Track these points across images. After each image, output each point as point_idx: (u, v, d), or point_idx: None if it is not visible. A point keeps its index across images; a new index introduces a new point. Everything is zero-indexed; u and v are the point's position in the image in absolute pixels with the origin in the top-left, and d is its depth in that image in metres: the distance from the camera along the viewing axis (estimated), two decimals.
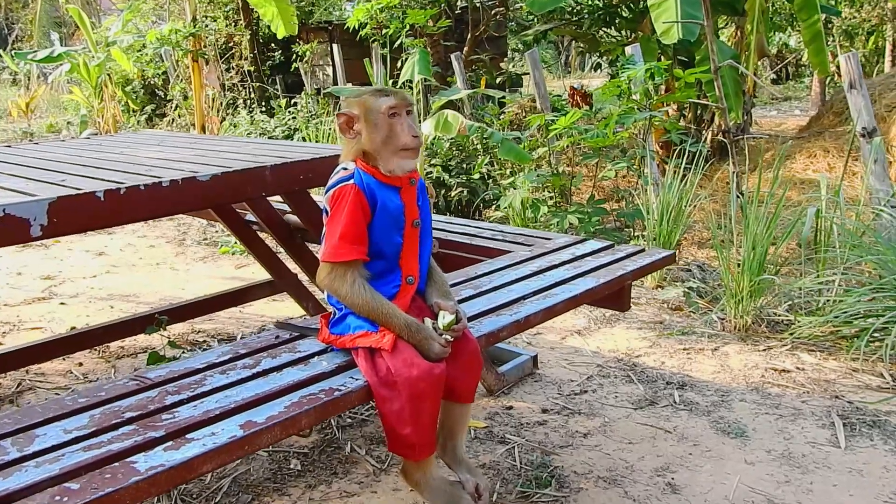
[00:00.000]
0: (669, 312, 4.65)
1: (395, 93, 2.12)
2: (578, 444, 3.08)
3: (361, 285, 2.07)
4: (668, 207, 5.25)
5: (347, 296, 2.07)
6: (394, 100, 2.10)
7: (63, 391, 3.74)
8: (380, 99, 2.11)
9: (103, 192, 2.09)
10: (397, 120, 2.09)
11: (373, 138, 2.11)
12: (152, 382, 1.88)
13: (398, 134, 2.10)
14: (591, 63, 12.87)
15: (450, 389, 2.12)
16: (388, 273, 2.17)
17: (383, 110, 2.08)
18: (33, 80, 19.45)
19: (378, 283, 2.14)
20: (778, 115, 15.50)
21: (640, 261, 2.94)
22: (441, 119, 6.12)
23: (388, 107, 2.09)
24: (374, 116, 2.10)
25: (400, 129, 2.10)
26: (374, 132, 2.12)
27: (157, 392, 1.81)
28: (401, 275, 2.19)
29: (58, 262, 6.17)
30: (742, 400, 3.43)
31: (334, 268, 2.08)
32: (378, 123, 2.10)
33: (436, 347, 2.05)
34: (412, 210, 2.19)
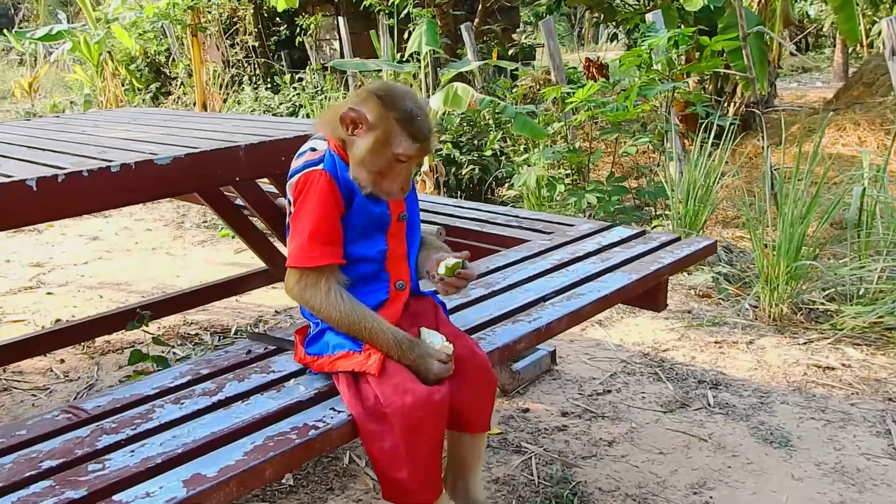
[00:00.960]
0: (697, 300, 4.30)
1: (424, 139, 1.72)
2: (603, 454, 2.76)
3: (338, 294, 1.72)
4: (693, 185, 4.87)
5: (322, 308, 1.72)
6: (416, 149, 1.71)
7: (41, 392, 3.45)
8: (404, 138, 1.70)
9: (35, 179, 1.76)
10: (400, 166, 1.73)
11: (365, 158, 1.73)
12: (88, 415, 1.55)
13: (391, 179, 1.74)
14: (608, 34, 12.41)
15: (457, 417, 1.78)
16: (372, 279, 1.82)
17: (397, 153, 1.71)
18: (40, 60, 19.14)
19: (361, 290, 1.79)
20: (799, 86, 14.99)
21: (678, 251, 2.58)
22: (450, 93, 5.75)
23: (405, 153, 1.71)
24: (383, 146, 1.71)
25: (396, 175, 1.74)
26: (371, 156, 1.72)
27: (90, 430, 1.49)
28: (389, 280, 1.84)
29: (49, 248, 5.88)
30: (784, 402, 3.09)
31: (304, 274, 1.73)
32: (381, 153, 1.72)
33: (434, 366, 1.70)
34: (397, 202, 1.83)
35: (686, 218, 4.83)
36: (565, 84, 6.50)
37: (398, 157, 1.71)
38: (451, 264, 1.74)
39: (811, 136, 8.43)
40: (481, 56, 8.85)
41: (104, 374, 3.58)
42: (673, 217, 4.96)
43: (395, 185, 1.73)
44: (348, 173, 1.74)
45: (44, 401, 3.35)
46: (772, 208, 4.68)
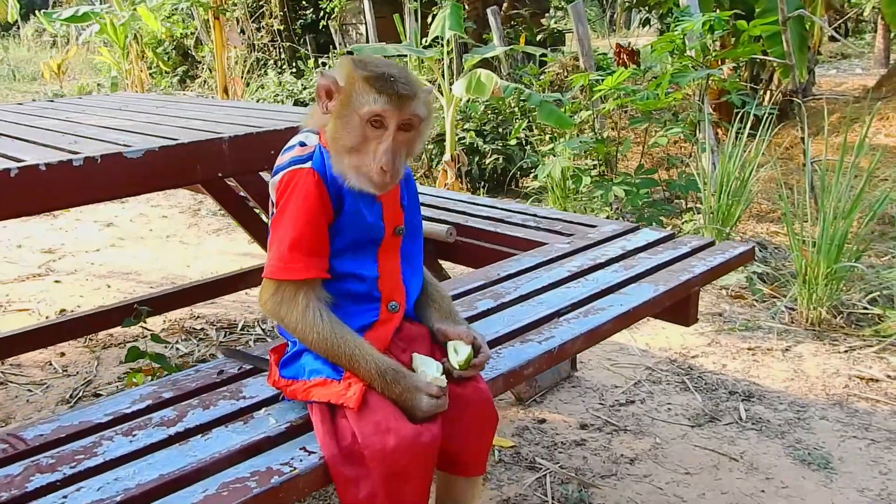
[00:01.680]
0: (729, 301, 4.06)
1: (394, 94, 1.44)
2: (624, 472, 2.54)
3: (317, 312, 1.48)
4: (728, 179, 4.61)
5: (298, 327, 1.49)
6: (383, 103, 1.44)
7: (38, 387, 3.31)
8: (366, 93, 1.45)
9: None
10: (377, 133, 1.46)
11: (336, 131, 1.49)
12: (26, 447, 1.37)
13: (367, 152, 1.47)
14: (640, 19, 12.06)
15: (450, 459, 1.55)
16: (362, 298, 1.58)
17: (362, 112, 1.45)
18: (72, 41, 19.18)
19: (348, 310, 1.56)
20: (837, 73, 14.49)
21: (711, 259, 2.34)
22: (473, 79, 5.52)
23: (370, 111, 1.45)
24: (349, 109, 1.47)
25: (372, 152, 1.47)
26: (341, 128, 1.49)
27: (23, 466, 1.31)
28: (380, 300, 1.60)
29: (62, 234, 5.77)
30: (823, 418, 2.85)
31: (281, 287, 1.50)
32: (349, 122, 1.47)
33: (423, 402, 1.46)
34: (394, 213, 1.59)
35: (718, 213, 4.57)
36: (594, 71, 6.24)
37: (369, 121, 1.45)
38: (464, 358, 1.53)
39: (852, 125, 8.10)
40: (508, 41, 8.59)
41: (103, 370, 3.43)
42: (705, 212, 4.70)
43: (373, 163, 1.45)
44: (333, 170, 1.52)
45: (39, 397, 3.21)
46: (811, 203, 4.40)
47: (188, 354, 3.55)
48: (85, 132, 2.23)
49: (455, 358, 1.53)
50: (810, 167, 4.42)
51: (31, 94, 15.39)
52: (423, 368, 1.51)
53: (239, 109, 2.82)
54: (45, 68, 16.56)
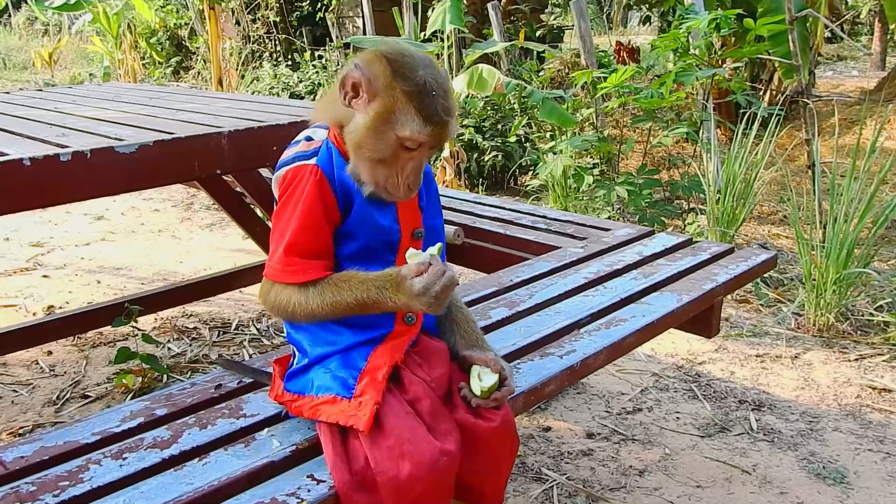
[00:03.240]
0: (735, 305, 3.97)
1: (440, 123, 1.33)
2: (633, 485, 2.45)
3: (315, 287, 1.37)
4: (732, 180, 4.52)
5: (300, 304, 1.37)
6: (428, 135, 1.32)
7: (24, 387, 3.20)
8: (413, 118, 1.32)
9: None
10: (409, 154, 1.35)
11: (362, 139, 1.36)
12: (4, 470, 1.25)
13: (394, 172, 1.36)
14: (640, 17, 11.98)
15: (466, 488, 1.43)
16: None
17: (403, 136, 1.33)
18: (64, 30, 18.97)
19: (360, 321, 1.43)
20: (834, 75, 14.44)
21: (733, 266, 2.24)
22: (475, 75, 5.41)
23: (413, 139, 1.33)
24: (385, 124, 1.34)
25: (400, 169, 1.36)
26: (371, 136, 1.35)
27: (0, 494, 1.20)
28: (396, 311, 1.45)
29: (51, 228, 5.64)
30: (836, 429, 2.76)
31: (275, 287, 1.40)
32: (383, 135, 1.34)
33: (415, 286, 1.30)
34: (412, 214, 1.47)
35: (724, 216, 4.48)
36: (596, 68, 6.14)
37: (404, 143, 1.33)
38: (487, 386, 1.41)
39: (852, 127, 8.02)
40: (507, 37, 8.49)
41: (92, 370, 3.32)
42: (709, 214, 4.61)
43: (400, 182, 1.36)
44: (346, 170, 1.40)
45: (25, 398, 3.10)
46: (817, 207, 4.32)
47: (180, 355, 3.44)
48: (75, 124, 2.11)
49: (478, 384, 1.42)
50: (819, 170, 4.33)
51: (21, 83, 15.21)
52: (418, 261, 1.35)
53: (238, 102, 2.71)
54: (36, 57, 16.36)
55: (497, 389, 1.43)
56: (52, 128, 2.04)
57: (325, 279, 1.38)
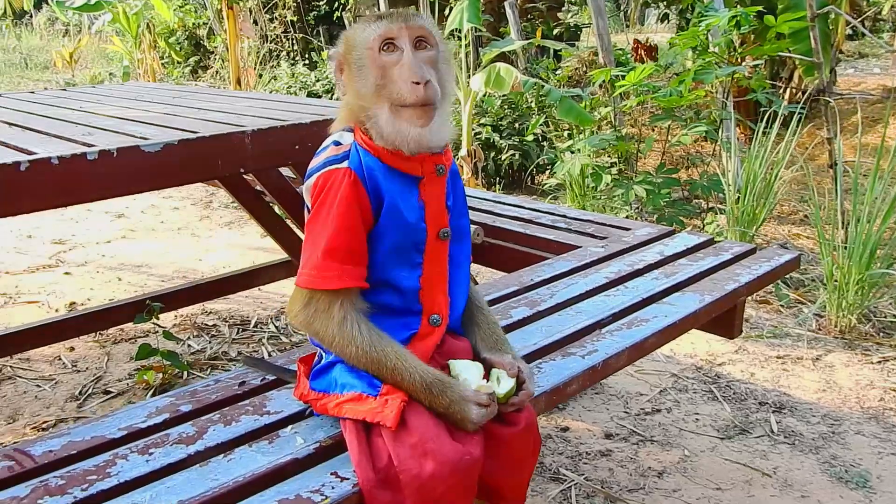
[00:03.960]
0: (755, 306, 3.94)
1: (393, 12, 1.40)
2: (652, 486, 2.44)
3: (355, 323, 1.37)
4: (753, 180, 4.49)
5: (334, 341, 1.37)
6: (387, 24, 1.38)
7: (47, 382, 3.23)
8: (368, 27, 1.39)
9: None
10: (394, 57, 1.37)
11: (357, 90, 1.41)
12: (34, 464, 1.28)
13: (392, 79, 1.37)
14: (658, 15, 11.90)
15: (489, 489, 1.43)
16: (401, 311, 1.46)
17: (370, 43, 1.37)
18: (84, 30, 19.13)
19: (385, 323, 1.43)
20: (856, 73, 14.29)
21: (756, 267, 2.23)
22: (493, 73, 5.41)
23: (380, 36, 1.37)
24: (358, 55, 1.40)
25: (397, 71, 1.37)
26: (359, 79, 1.40)
27: (30, 487, 1.21)
28: (421, 313, 1.47)
29: (73, 225, 5.69)
30: (858, 433, 2.74)
31: (314, 298, 1.37)
32: (364, 66, 1.39)
33: (473, 413, 1.34)
34: (439, 213, 1.46)
35: (743, 216, 4.45)
36: (614, 66, 6.11)
37: (380, 49, 1.37)
38: (505, 390, 1.41)
39: (875, 126, 7.94)
40: (525, 35, 8.47)
41: (114, 366, 3.35)
42: (729, 213, 4.58)
43: (403, 80, 1.35)
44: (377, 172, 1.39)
45: (48, 393, 3.13)
46: (839, 206, 4.28)
47: (200, 352, 3.46)
48: (100, 123, 2.13)
49: (496, 387, 1.41)
50: (840, 169, 4.29)
51: (42, 82, 15.35)
52: (465, 375, 1.39)
53: (260, 101, 2.72)
54: (57, 57, 16.52)
55: (515, 394, 1.42)
56: (77, 127, 2.05)
57: (376, 332, 1.38)
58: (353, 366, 1.40)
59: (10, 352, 3.14)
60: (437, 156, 1.44)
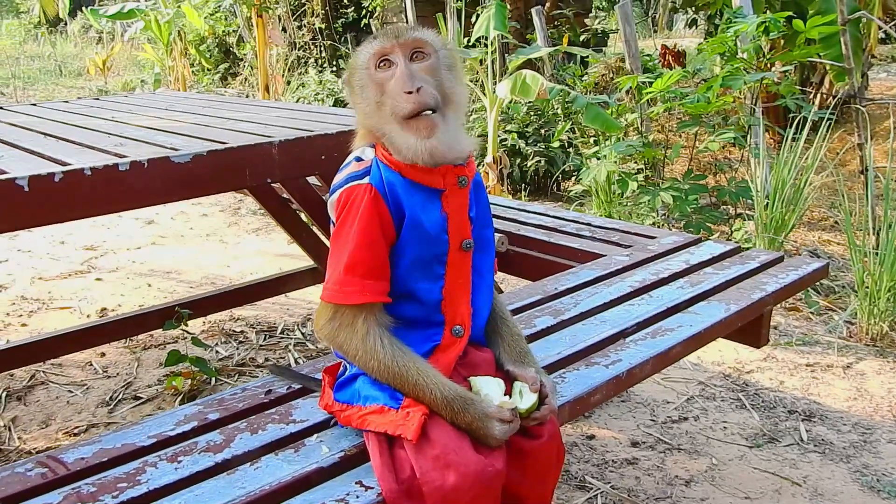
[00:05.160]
0: (784, 314, 3.90)
1: (386, 30, 1.43)
2: (679, 495, 2.43)
3: (378, 338, 1.38)
4: (782, 186, 4.44)
5: (358, 355, 1.39)
6: (380, 42, 1.40)
7: (78, 388, 3.28)
8: (364, 48, 1.44)
9: (27, 178, 1.51)
10: (389, 73, 1.40)
11: (363, 109, 1.45)
12: (66, 471, 1.30)
13: (389, 93, 1.40)
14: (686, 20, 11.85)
15: (513, 497, 1.42)
16: (423, 322, 1.46)
17: (367, 63, 1.42)
18: (117, 38, 19.44)
19: (407, 334, 1.45)
20: (888, 77, 14.06)
21: (783, 276, 2.21)
22: (519, 80, 5.41)
23: (374, 55, 1.41)
24: (359, 76, 1.44)
25: (392, 84, 1.39)
26: (362, 100, 1.44)
27: (62, 495, 1.23)
28: (444, 324, 1.47)
29: (104, 231, 5.78)
30: (891, 441, 2.70)
31: (338, 312, 1.39)
32: (364, 85, 1.43)
33: (496, 429, 1.34)
34: (461, 225, 1.46)
35: (772, 223, 4.41)
36: (640, 72, 6.09)
37: (377, 66, 1.40)
38: (528, 406, 1.41)
39: None
40: (551, 42, 8.46)
41: (143, 372, 3.40)
42: (757, 220, 4.54)
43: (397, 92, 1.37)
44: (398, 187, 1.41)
45: (80, 398, 3.18)
46: (870, 212, 4.23)
47: (228, 358, 3.50)
48: (131, 133, 2.17)
49: (518, 402, 1.41)
50: (871, 174, 4.24)
51: (76, 89, 15.61)
52: (486, 391, 1.40)
53: (288, 111, 2.75)
54: (90, 64, 16.82)
55: (537, 408, 1.42)
56: (110, 137, 2.09)
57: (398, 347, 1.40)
58: (375, 379, 1.42)
59: (43, 357, 3.21)
60: (459, 167, 1.45)
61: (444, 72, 1.42)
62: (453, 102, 1.42)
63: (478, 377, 1.43)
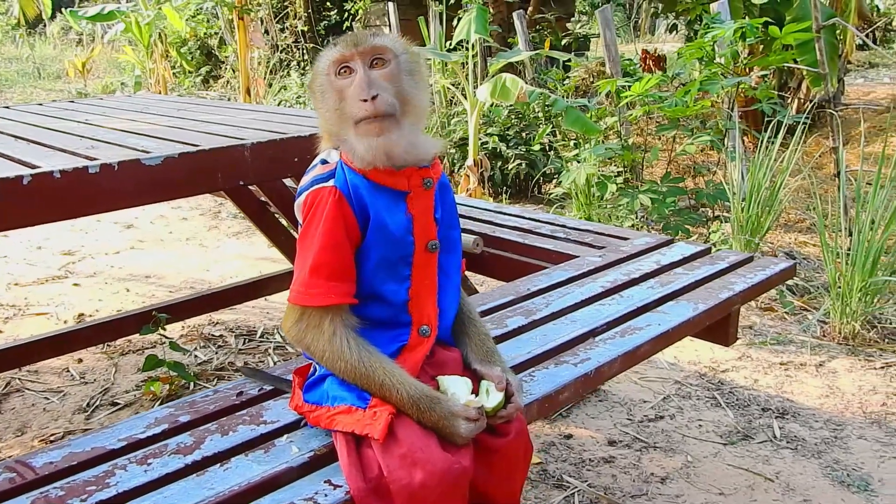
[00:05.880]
0: (759, 313, 3.95)
1: (345, 37, 1.44)
2: (655, 492, 2.46)
3: (345, 339, 1.40)
4: (758, 189, 4.50)
5: (325, 355, 1.41)
6: (340, 49, 1.42)
7: (55, 395, 3.27)
8: (325, 54, 1.45)
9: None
10: (348, 80, 1.41)
11: (324, 115, 1.48)
12: (34, 475, 1.30)
13: (347, 100, 1.42)
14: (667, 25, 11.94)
15: (481, 495, 1.44)
16: (390, 322, 1.48)
17: (327, 69, 1.44)
18: (97, 40, 19.31)
19: (374, 334, 1.46)
20: (865, 82, 14.26)
21: (751, 276, 2.24)
22: (498, 83, 5.44)
23: (334, 62, 1.42)
24: (320, 82, 1.46)
25: (350, 91, 1.41)
26: (323, 105, 1.46)
27: (30, 499, 1.21)
28: (411, 324, 1.48)
29: (82, 236, 5.75)
30: (861, 437, 2.75)
31: (305, 314, 1.41)
32: (325, 91, 1.45)
33: (462, 427, 1.35)
34: (427, 226, 1.47)
35: (748, 225, 4.46)
36: (621, 77, 6.14)
37: (336, 73, 1.42)
38: (491, 406, 1.42)
39: (881, 135, 7.93)
40: (533, 46, 8.51)
41: (121, 378, 3.39)
42: (734, 222, 4.59)
43: (354, 99, 1.39)
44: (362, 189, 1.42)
45: (56, 405, 3.17)
46: (843, 215, 4.29)
47: (207, 362, 3.49)
48: (103, 136, 2.16)
49: (485, 400, 1.43)
50: (844, 178, 4.30)
51: (55, 91, 15.51)
52: (453, 390, 1.42)
53: (262, 114, 2.75)
54: (69, 66, 16.69)
55: (503, 407, 1.44)
56: (82, 140, 2.09)
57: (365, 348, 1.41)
58: (337, 378, 1.43)
59: (18, 364, 3.19)
60: (424, 169, 1.47)
61: (404, 77, 1.43)
62: (413, 107, 1.44)
63: (445, 376, 1.45)
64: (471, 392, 1.42)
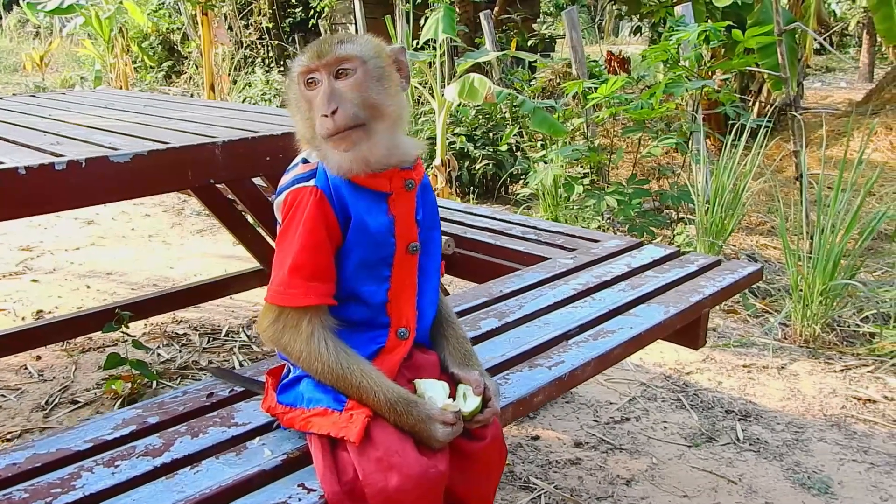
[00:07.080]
0: (722, 315, 4.00)
1: (313, 47, 1.40)
2: (620, 494, 2.47)
3: (322, 340, 1.38)
4: (721, 191, 4.56)
5: (301, 356, 1.39)
6: (305, 60, 1.39)
7: (12, 392, 3.19)
8: (294, 64, 1.43)
9: None
10: (315, 92, 1.39)
11: (297, 122, 1.46)
12: None
13: (314, 111, 1.40)
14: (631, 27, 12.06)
15: (456, 498, 1.44)
16: (368, 324, 1.46)
17: (296, 80, 1.42)
18: (55, 33, 18.91)
19: (352, 336, 1.45)
20: (823, 87, 14.55)
21: (720, 279, 2.27)
22: (467, 83, 5.44)
23: (300, 74, 1.40)
24: (292, 91, 1.45)
25: (316, 104, 1.39)
26: (296, 114, 1.45)
27: None
28: (389, 325, 1.47)
29: (41, 231, 5.63)
30: (821, 440, 2.79)
31: (282, 314, 1.39)
32: (297, 100, 1.44)
33: (439, 431, 1.35)
34: (408, 228, 1.47)
35: (712, 227, 4.52)
36: (587, 78, 6.18)
37: (304, 84, 1.40)
38: (468, 410, 1.42)
39: (840, 139, 8.09)
40: (500, 46, 8.53)
41: (81, 376, 3.32)
42: (698, 224, 4.65)
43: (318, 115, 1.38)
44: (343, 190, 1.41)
45: (13, 403, 3.09)
46: (804, 218, 4.37)
47: (170, 361, 3.44)
48: (69, 132, 2.11)
49: (462, 404, 1.42)
50: (805, 181, 4.38)
51: (12, 85, 15.17)
52: (431, 394, 1.41)
53: (233, 111, 2.72)
54: (27, 60, 16.32)
55: (480, 411, 1.43)
56: (46, 136, 2.04)
57: (343, 349, 1.39)
58: (314, 379, 1.41)
59: None
60: (405, 171, 1.45)
61: (372, 84, 1.40)
62: (383, 114, 1.41)
63: (422, 380, 1.44)
64: (448, 396, 1.41)
